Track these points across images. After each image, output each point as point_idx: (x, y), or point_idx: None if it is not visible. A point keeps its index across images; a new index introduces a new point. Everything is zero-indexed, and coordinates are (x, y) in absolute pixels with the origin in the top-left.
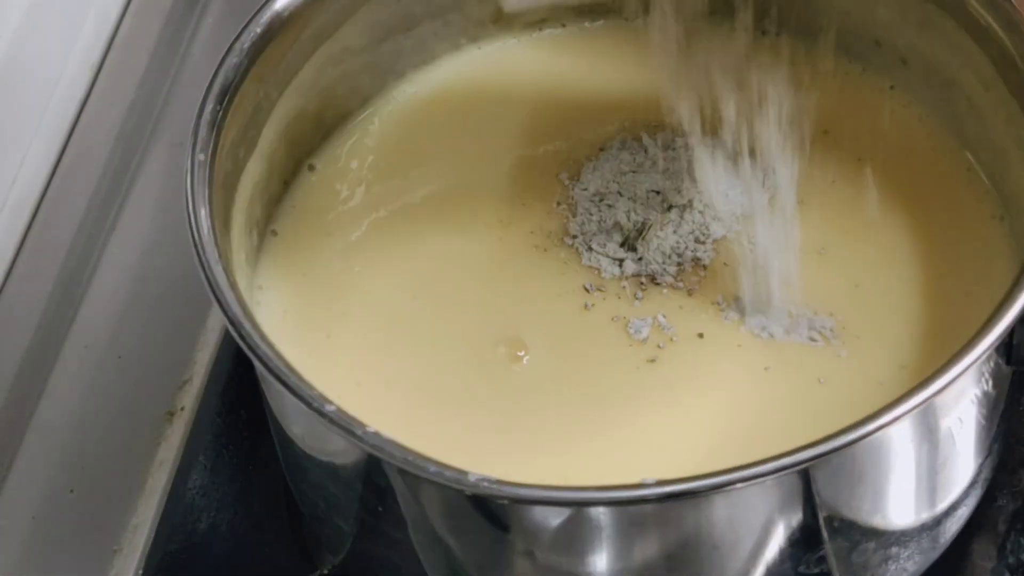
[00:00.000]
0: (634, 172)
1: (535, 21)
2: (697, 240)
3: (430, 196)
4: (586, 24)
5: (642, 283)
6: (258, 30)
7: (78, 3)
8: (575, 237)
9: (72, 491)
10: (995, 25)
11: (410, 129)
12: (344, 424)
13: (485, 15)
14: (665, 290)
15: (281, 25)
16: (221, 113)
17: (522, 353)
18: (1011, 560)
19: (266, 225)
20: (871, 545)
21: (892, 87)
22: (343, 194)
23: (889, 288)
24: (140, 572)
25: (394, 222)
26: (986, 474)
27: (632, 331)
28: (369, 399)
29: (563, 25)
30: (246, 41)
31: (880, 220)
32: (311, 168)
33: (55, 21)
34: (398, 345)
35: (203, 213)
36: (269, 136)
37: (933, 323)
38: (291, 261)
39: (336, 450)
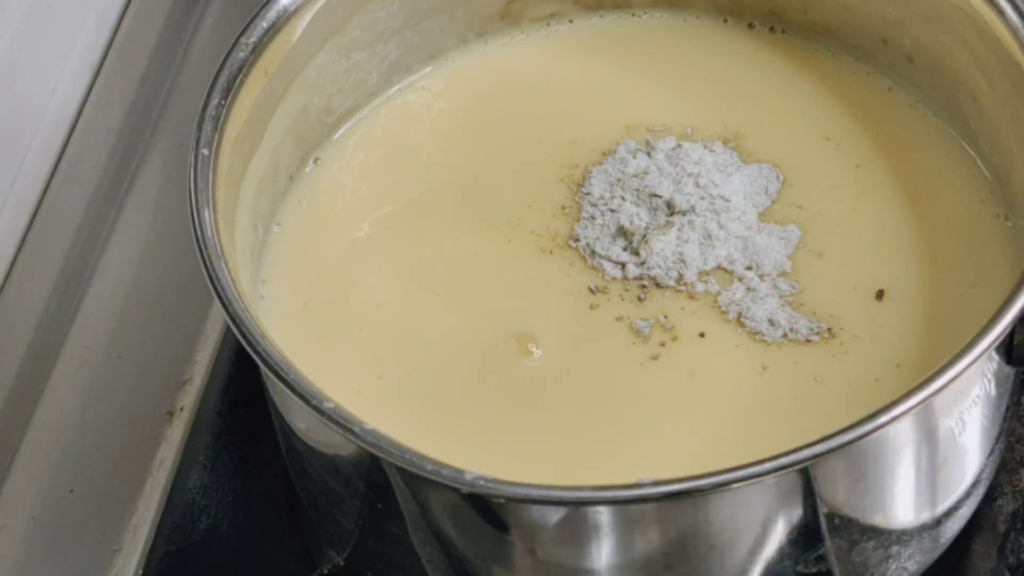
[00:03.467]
0: (638, 176)
1: (542, 16)
2: (700, 244)
3: (436, 193)
4: (593, 20)
5: (644, 286)
6: (264, 24)
7: (78, 3)
8: (579, 240)
9: (72, 491)
10: (1000, 23)
11: (417, 124)
12: (342, 421)
13: (492, 10)
14: (668, 293)
15: (287, 19)
16: (225, 108)
17: (533, 347)
18: (1011, 560)
19: (271, 219)
20: (871, 544)
21: (897, 86)
22: (349, 188)
23: (888, 289)
24: (140, 572)
25: (400, 218)
26: (988, 474)
27: (636, 330)
28: (392, 392)
29: (570, 21)
30: (252, 35)
31: (881, 221)
32: (317, 162)
33: (55, 21)
34: (415, 340)
35: (206, 208)
36: (275, 130)
37: (932, 322)
38: (296, 255)
39: (337, 446)
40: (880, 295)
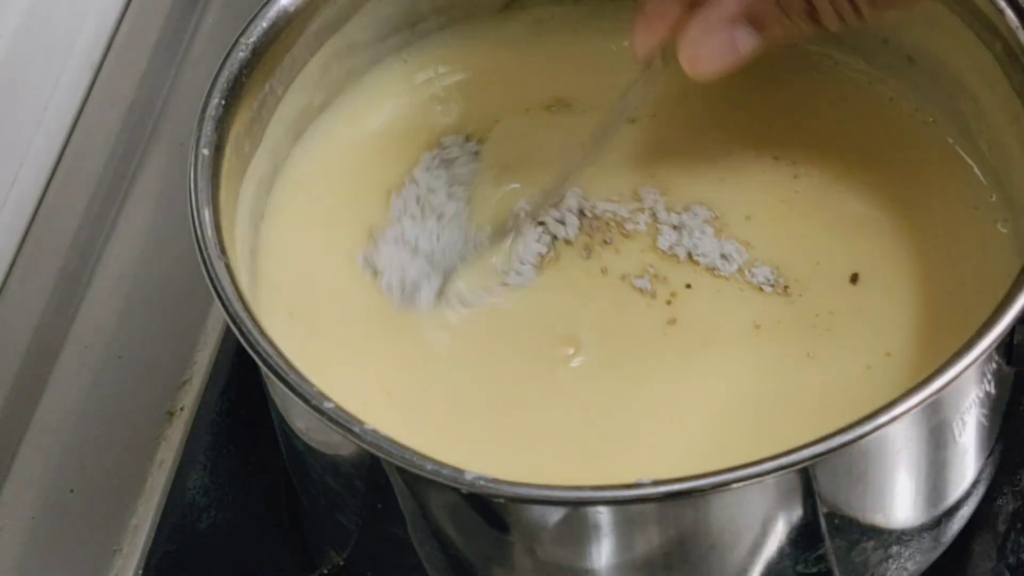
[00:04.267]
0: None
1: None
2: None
3: None
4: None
5: (605, 237)
6: (264, 24)
7: (78, 3)
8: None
9: (72, 491)
10: (1000, 24)
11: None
12: (342, 421)
13: (492, 10)
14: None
15: (287, 20)
16: (225, 108)
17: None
18: (1011, 560)
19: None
20: (871, 544)
21: (898, 93)
22: None
23: (885, 285)
24: (140, 572)
25: None
26: (988, 474)
27: (638, 285)
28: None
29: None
30: (252, 36)
31: (878, 221)
32: None
33: (55, 21)
34: (418, 340)
35: (206, 208)
36: (275, 131)
37: (927, 317)
38: (295, 256)
39: (337, 446)
40: (877, 289)
